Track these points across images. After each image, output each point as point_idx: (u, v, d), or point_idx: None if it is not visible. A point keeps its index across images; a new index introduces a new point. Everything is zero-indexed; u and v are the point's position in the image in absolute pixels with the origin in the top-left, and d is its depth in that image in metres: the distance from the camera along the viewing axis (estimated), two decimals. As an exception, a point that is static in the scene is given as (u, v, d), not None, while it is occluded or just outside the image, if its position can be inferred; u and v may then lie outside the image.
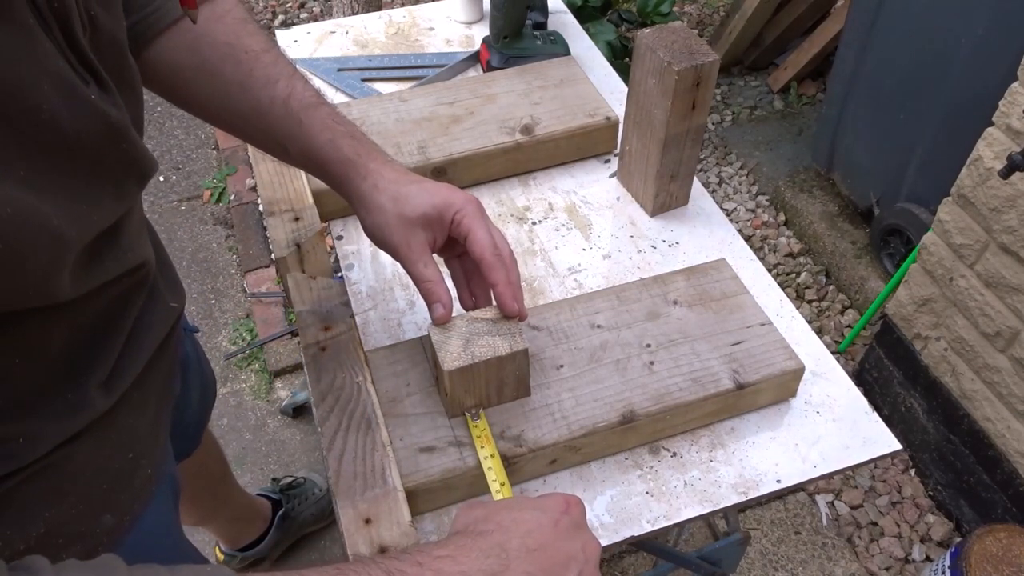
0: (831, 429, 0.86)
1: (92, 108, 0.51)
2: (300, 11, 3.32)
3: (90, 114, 0.51)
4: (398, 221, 0.73)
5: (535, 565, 0.58)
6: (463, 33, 1.43)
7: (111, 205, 0.56)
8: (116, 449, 0.68)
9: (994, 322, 1.52)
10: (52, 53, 0.49)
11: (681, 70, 0.91)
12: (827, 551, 1.73)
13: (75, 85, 0.50)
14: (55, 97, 0.48)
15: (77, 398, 0.60)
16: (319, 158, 0.75)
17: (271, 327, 2.16)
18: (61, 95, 0.49)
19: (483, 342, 0.75)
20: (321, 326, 0.84)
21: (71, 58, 0.51)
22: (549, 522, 0.61)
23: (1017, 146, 1.39)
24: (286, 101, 0.74)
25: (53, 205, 0.48)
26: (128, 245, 0.62)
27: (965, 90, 1.73)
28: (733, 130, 2.73)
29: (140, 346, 0.68)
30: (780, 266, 2.33)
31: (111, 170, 0.55)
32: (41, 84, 0.47)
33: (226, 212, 2.51)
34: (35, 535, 0.61)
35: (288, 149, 0.76)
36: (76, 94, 0.50)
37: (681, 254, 1.04)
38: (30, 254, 0.47)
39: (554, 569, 0.59)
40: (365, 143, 0.76)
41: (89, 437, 0.63)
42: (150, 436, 0.74)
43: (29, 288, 0.49)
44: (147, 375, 0.69)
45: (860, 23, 1.97)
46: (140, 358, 0.68)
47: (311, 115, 0.74)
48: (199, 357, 1.09)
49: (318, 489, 1.75)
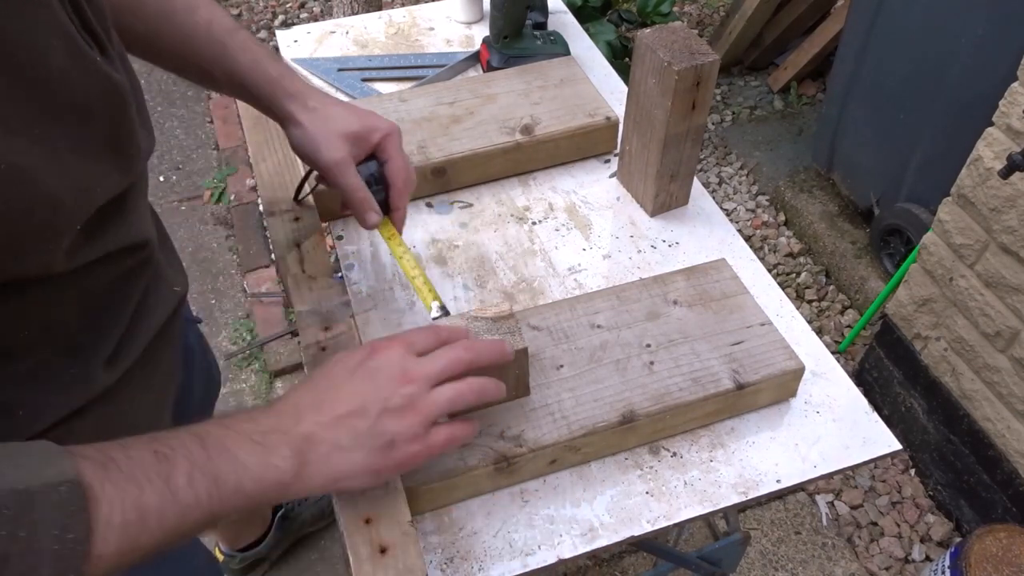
0: (831, 429, 0.86)
1: (99, 71, 0.53)
2: (300, 11, 3.32)
3: (97, 77, 0.53)
4: (327, 137, 0.79)
5: (324, 414, 0.59)
6: (463, 33, 1.43)
7: (115, 176, 0.57)
8: (117, 427, 0.68)
9: (994, 322, 1.52)
10: (59, 12, 0.50)
11: (681, 70, 0.91)
12: (827, 551, 1.73)
13: (83, 48, 0.51)
14: (66, 59, 0.49)
15: (80, 372, 0.61)
16: (245, 80, 0.79)
17: (271, 327, 2.16)
18: (71, 56, 0.50)
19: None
20: (321, 326, 0.84)
21: (75, 22, 0.52)
22: (344, 369, 0.62)
23: (1017, 146, 1.39)
24: (208, 26, 0.77)
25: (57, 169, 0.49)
26: (132, 221, 0.63)
27: (965, 90, 1.73)
28: (733, 130, 2.73)
29: (144, 325, 0.68)
30: (780, 266, 2.33)
31: (116, 138, 0.56)
32: (51, 42, 0.48)
33: (226, 212, 2.51)
34: None
35: (214, 74, 0.80)
36: (84, 56, 0.51)
37: (681, 254, 1.04)
38: (21, 215, 0.48)
39: (347, 417, 0.59)
40: (286, 66, 0.81)
41: (91, 413, 0.63)
42: (152, 418, 0.74)
43: (24, 253, 0.50)
44: (150, 355, 0.70)
45: (860, 23, 1.97)
46: (143, 337, 0.68)
47: (233, 38, 0.78)
48: (203, 348, 1.09)
49: (318, 489, 1.75)
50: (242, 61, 0.78)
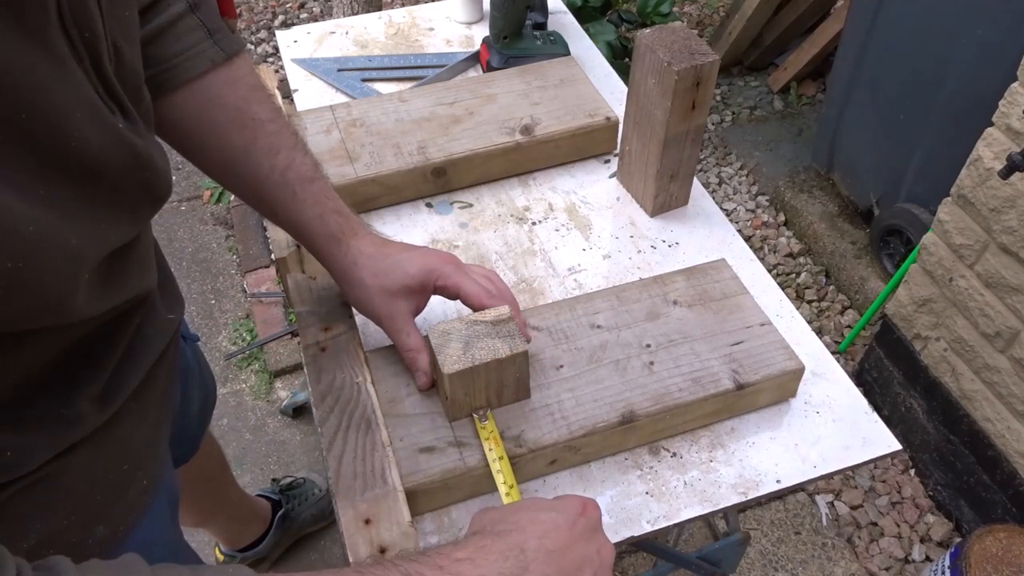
0: (831, 429, 0.86)
1: (119, 137, 0.53)
2: (300, 11, 3.32)
3: (117, 143, 0.53)
4: (379, 295, 0.79)
5: (552, 567, 0.58)
6: (463, 33, 1.43)
7: (126, 227, 0.58)
8: (111, 461, 0.68)
9: (994, 322, 1.52)
10: (83, 83, 0.50)
11: (681, 70, 0.91)
12: (827, 551, 1.73)
13: (104, 115, 0.51)
14: (87, 126, 0.49)
15: (69, 412, 0.60)
16: (307, 230, 0.79)
17: (271, 327, 2.16)
18: (92, 124, 0.50)
19: (483, 344, 0.75)
20: (321, 326, 0.84)
21: (99, 88, 0.52)
22: (566, 523, 0.61)
23: (1017, 146, 1.39)
24: (284, 172, 0.77)
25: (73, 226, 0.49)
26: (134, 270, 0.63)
27: (965, 90, 1.73)
28: (733, 130, 2.73)
29: (137, 360, 0.68)
30: (780, 266, 2.33)
31: (130, 196, 0.57)
32: (74, 113, 0.48)
33: (226, 212, 2.51)
34: (25, 547, 0.61)
35: (278, 216, 0.80)
36: (105, 123, 0.51)
37: (681, 254, 1.04)
38: (49, 273, 0.48)
39: (570, 571, 0.59)
40: (350, 219, 0.80)
41: (83, 450, 0.63)
42: (147, 448, 0.74)
43: (45, 308, 0.50)
44: (145, 388, 0.70)
45: (860, 23, 1.97)
46: (137, 372, 0.68)
47: (305, 189, 0.78)
48: (200, 365, 1.09)
49: (318, 489, 1.75)
50: (308, 214, 0.78)
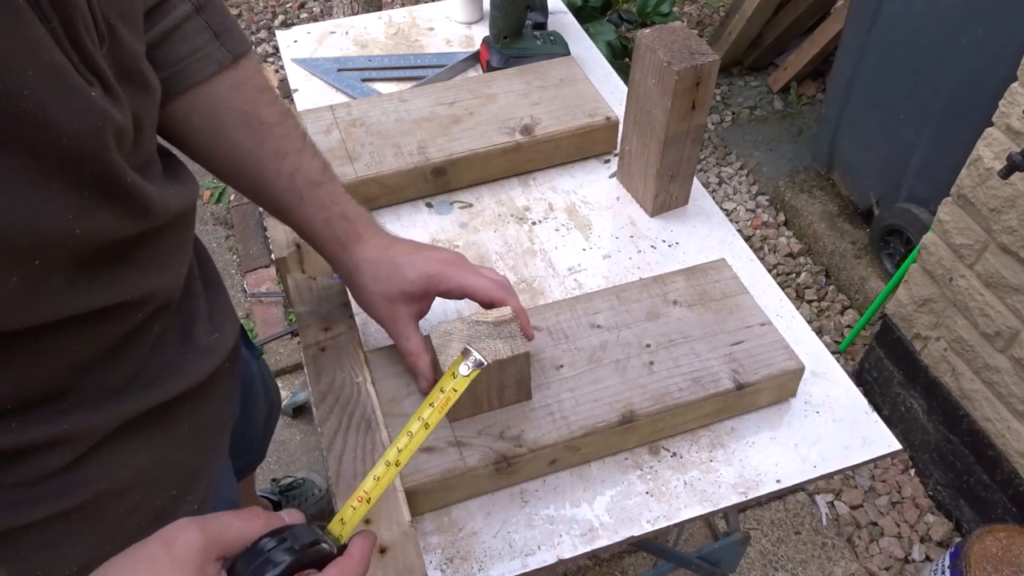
0: (831, 429, 0.86)
1: (92, 107, 0.50)
2: (300, 11, 3.32)
3: (87, 112, 0.49)
4: (380, 300, 0.79)
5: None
6: (463, 33, 1.43)
7: (110, 223, 0.54)
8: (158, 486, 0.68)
9: (994, 322, 1.52)
10: (46, 44, 0.47)
11: (681, 70, 0.91)
12: (827, 551, 1.73)
13: (73, 81, 0.48)
14: (44, 88, 0.46)
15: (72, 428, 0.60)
16: (313, 234, 0.80)
17: (271, 327, 2.16)
18: (53, 87, 0.47)
19: (484, 345, 0.75)
20: (321, 326, 0.84)
21: (72, 56, 0.49)
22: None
23: (1017, 146, 1.39)
24: (292, 176, 0.77)
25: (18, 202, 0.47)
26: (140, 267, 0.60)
27: (965, 90, 1.73)
28: (733, 130, 2.73)
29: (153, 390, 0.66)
30: (780, 266, 2.33)
31: (115, 183, 0.53)
32: (24, 69, 0.45)
33: (226, 212, 2.51)
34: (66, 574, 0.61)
35: (286, 218, 0.80)
36: (72, 89, 0.48)
37: (681, 254, 1.04)
38: None
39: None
40: (355, 223, 0.80)
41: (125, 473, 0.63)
42: (197, 474, 0.73)
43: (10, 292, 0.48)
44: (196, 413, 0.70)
45: (860, 23, 1.97)
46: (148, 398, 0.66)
47: (311, 193, 0.78)
48: (264, 378, 1.10)
49: (318, 489, 1.75)
50: (315, 218, 0.78)
